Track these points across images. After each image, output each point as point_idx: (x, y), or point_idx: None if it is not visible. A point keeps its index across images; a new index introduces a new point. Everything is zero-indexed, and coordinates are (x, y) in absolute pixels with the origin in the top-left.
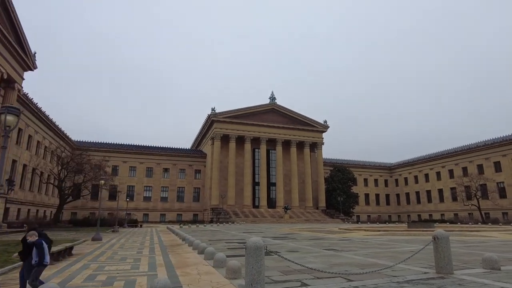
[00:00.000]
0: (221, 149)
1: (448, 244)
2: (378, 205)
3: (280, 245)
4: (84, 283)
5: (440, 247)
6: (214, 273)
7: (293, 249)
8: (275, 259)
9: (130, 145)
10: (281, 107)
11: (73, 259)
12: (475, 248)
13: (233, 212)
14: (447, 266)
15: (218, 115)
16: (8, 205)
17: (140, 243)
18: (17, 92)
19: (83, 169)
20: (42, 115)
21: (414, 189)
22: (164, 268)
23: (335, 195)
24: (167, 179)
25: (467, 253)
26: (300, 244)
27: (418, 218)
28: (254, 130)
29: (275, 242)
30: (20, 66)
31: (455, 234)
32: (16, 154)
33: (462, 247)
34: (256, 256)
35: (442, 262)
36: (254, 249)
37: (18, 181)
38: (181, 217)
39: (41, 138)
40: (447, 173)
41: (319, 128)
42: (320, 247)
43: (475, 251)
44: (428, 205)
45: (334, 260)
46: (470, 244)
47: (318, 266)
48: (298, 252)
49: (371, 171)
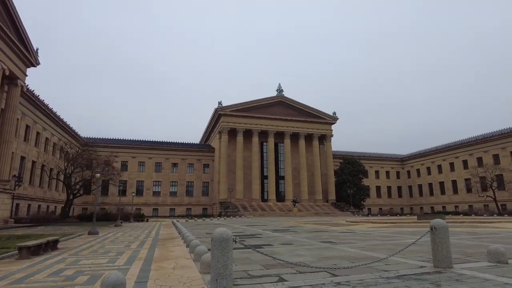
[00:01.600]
0: (229, 143)
1: (446, 235)
2: (390, 197)
3: (277, 237)
4: (46, 278)
5: (438, 238)
6: (191, 267)
7: (288, 241)
8: (263, 251)
9: (138, 140)
10: (289, 99)
11: (55, 253)
12: (484, 240)
13: (242, 205)
14: (445, 259)
15: (225, 108)
16: (18, 201)
17: (134, 237)
18: (20, 88)
19: (91, 164)
20: (50, 112)
21: (427, 181)
22: (141, 262)
23: (345, 187)
24: (176, 174)
25: (474, 245)
26: (298, 236)
27: (431, 210)
28: (262, 123)
29: (274, 234)
30: (22, 62)
31: (466, 225)
32: (25, 151)
33: (470, 238)
34: (222, 249)
35: (439, 255)
36: (219, 240)
37: (28, 178)
38: (190, 211)
39: (50, 135)
40: (461, 164)
41: (328, 120)
42: (318, 240)
43: (483, 243)
44: (442, 197)
45: (327, 253)
46: (480, 235)
47: (307, 259)
48: (292, 245)
49: (383, 163)
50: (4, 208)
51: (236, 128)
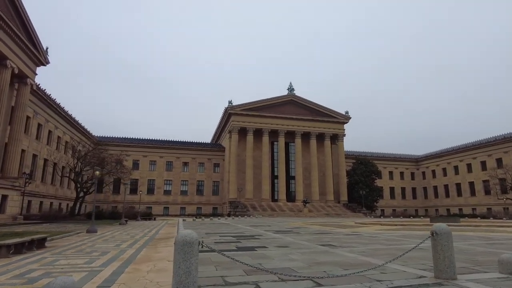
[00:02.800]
0: (239, 142)
1: (450, 241)
2: (404, 199)
3: (276, 239)
4: (6, 280)
5: (440, 245)
6: (167, 270)
7: (286, 244)
8: (253, 255)
9: (150, 139)
10: (300, 98)
11: (39, 252)
12: (498, 247)
13: (251, 205)
14: (447, 269)
15: (235, 107)
16: (30, 198)
17: (131, 236)
18: (30, 87)
19: (101, 163)
20: (62, 111)
21: (443, 182)
22: (119, 263)
23: (357, 188)
24: (186, 173)
25: (486, 252)
26: (298, 238)
27: (446, 213)
28: (272, 123)
29: (274, 236)
30: (32, 61)
31: (481, 229)
32: (37, 149)
33: (483, 244)
34: (184, 253)
35: (441, 265)
36: (182, 244)
37: (40, 175)
38: (200, 210)
39: (62, 134)
40: (479, 165)
41: (340, 119)
42: (318, 242)
43: (496, 250)
44: (458, 199)
45: (321, 258)
46: (494, 241)
47: (296, 265)
48: (288, 248)
49: (397, 163)
50: (13, 205)
51: (246, 128)
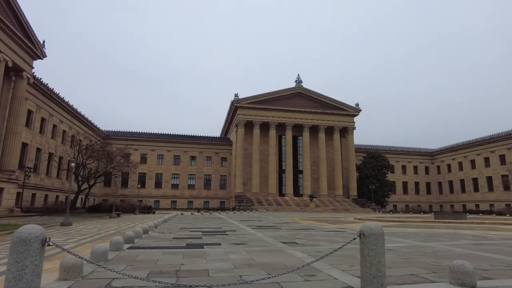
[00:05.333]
0: (245, 136)
1: (379, 244)
2: (418, 194)
3: (245, 235)
4: None
5: (366, 249)
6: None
7: (247, 241)
8: (189, 254)
9: (157, 134)
10: (308, 91)
11: None
12: (484, 248)
13: (257, 200)
14: (373, 279)
15: (241, 101)
16: (35, 191)
17: (100, 230)
18: (26, 80)
19: (105, 156)
20: (66, 105)
21: (458, 177)
22: None
23: (367, 183)
24: (194, 167)
25: (462, 255)
26: (270, 235)
27: (462, 209)
28: (280, 116)
29: (249, 231)
30: (28, 54)
31: (483, 227)
32: (41, 143)
33: (468, 245)
34: (17, 253)
35: (367, 274)
36: (15, 242)
37: (44, 169)
38: (208, 204)
39: (67, 128)
40: (498, 159)
41: (350, 112)
42: (284, 240)
43: (478, 252)
44: (475, 194)
45: (264, 258)
46: (487, 241)
47: (223, 266)
48: (242, 245)
49: (410, 157)
50: (10, 197)
51: (252, 121)
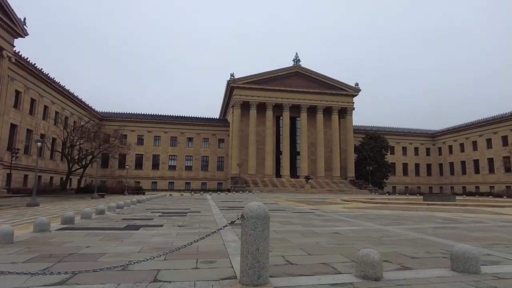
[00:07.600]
0: (242, 117)
1: (258, 229)
2: (418, 175)
3: (202, 217)
4: None
5: (244, 234)
6: None
7: (196, 222)
8: (113, 236)
9: (154, 115)
10: (306, 70)
11: None
12: (439, 232)
13: (253, 181)
14: (249, 271)
15: (237, 81)
16: (27, 173)
17: (69, 210)
18: (8, 59)
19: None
20: (57, 85)
21: (460, 158)
22: None
23: (365, 164)
24: (191, 148)
25: (405, 240)
26: (230, 216)
27: (462, 190)
28: (277, 96)
29: (213, 213)
30: (8, 33)
31: (465, 210)
32: (31, 124)
33: (428, 229)
34: None
35: (243, 263)
36: None
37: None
38: (205, 185)
39: (60, 109)
40: (500, 140)
41: (349, 92)
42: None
43: (428, 236)
44: (475, 176)
45: (184, 242)
46: (453, 224)
47: (126, 249)
48: (184, 227)
49: (411, 138)
50: None
51: (249, 102)
